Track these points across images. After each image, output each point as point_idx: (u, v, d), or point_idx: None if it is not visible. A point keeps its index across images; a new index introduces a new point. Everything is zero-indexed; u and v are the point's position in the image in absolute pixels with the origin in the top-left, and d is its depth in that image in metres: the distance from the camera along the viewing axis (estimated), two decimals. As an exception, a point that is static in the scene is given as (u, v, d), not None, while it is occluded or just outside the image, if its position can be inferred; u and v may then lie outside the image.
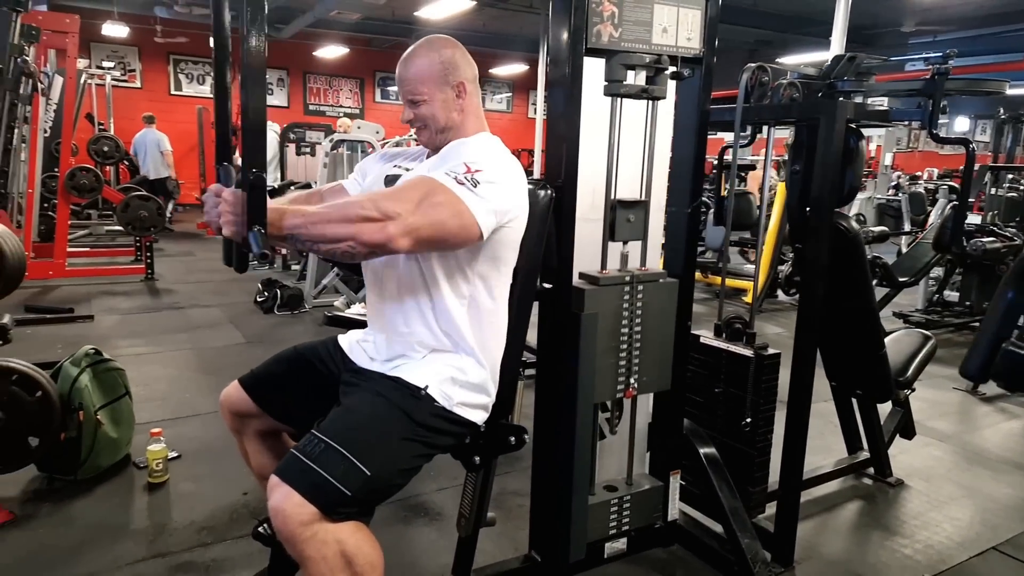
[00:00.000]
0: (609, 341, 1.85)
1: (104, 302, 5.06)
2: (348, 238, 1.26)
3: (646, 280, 1.89)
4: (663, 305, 1.94)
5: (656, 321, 1.92)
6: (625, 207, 1.87)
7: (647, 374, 1.94)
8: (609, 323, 1.84)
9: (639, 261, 1.95)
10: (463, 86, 1.56)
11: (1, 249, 2.13)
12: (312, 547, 1.25)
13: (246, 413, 1.66)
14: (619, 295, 1.85)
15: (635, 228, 1.88)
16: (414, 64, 1.54)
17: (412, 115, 1.56)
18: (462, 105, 1.56)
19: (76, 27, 5.24)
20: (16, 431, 2.25)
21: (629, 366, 1.90)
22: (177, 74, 12.02)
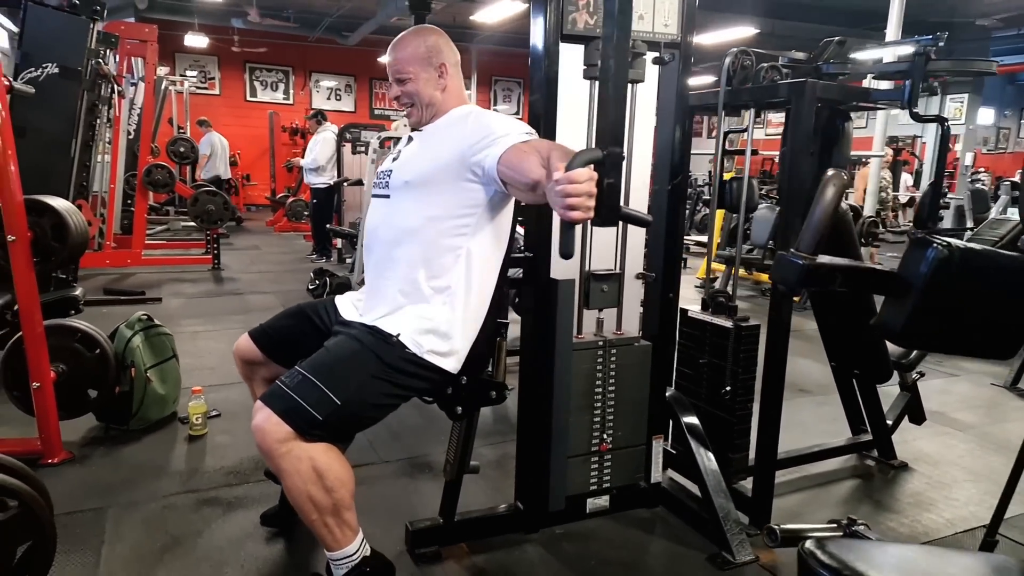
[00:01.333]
0: (584, 400, 2.07)
1: (173, 287, 5.52)
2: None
3: (620, 344, 2.11)
4: (636, 365, 2.15)
5: (630, 381, 2.13)
6: (599, 279, 2.07)
7: (622, 429, 2.16)
8: (583, 384, 2.06)
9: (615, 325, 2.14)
10: (445, 67, 1.76)
11: (66, 223, 2.46)
12: (287, 461, 1.46)
13: (253, 361, 1.90)
14: (593, 358, 2.07)
15: (608, 297, 2.09)
16: (402, 47, 1.76)
17: (399, 92, 1.77)
18: (444, 84, 1.76)
19: (154, 36, 5.74)
20: (77, 383, 2.59)
21: (603, 423, 2.12)
22: (252, 81, 12.76)
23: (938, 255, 0.86)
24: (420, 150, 1.75)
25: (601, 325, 2.12)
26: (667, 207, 2.18)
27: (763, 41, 10.66)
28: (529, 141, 1.57)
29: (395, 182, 1.73)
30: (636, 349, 2.16)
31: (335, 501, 1.50)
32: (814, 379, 3.74)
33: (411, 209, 1.68)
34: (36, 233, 2.43)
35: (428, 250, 1.67)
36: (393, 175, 1.74)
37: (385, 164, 1.85)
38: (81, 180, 4.24)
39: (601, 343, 2.10)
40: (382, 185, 1.78)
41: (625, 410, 2.17)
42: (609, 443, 2.16)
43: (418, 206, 1.67)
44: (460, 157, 1.63)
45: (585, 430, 2.12)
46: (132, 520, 2.11)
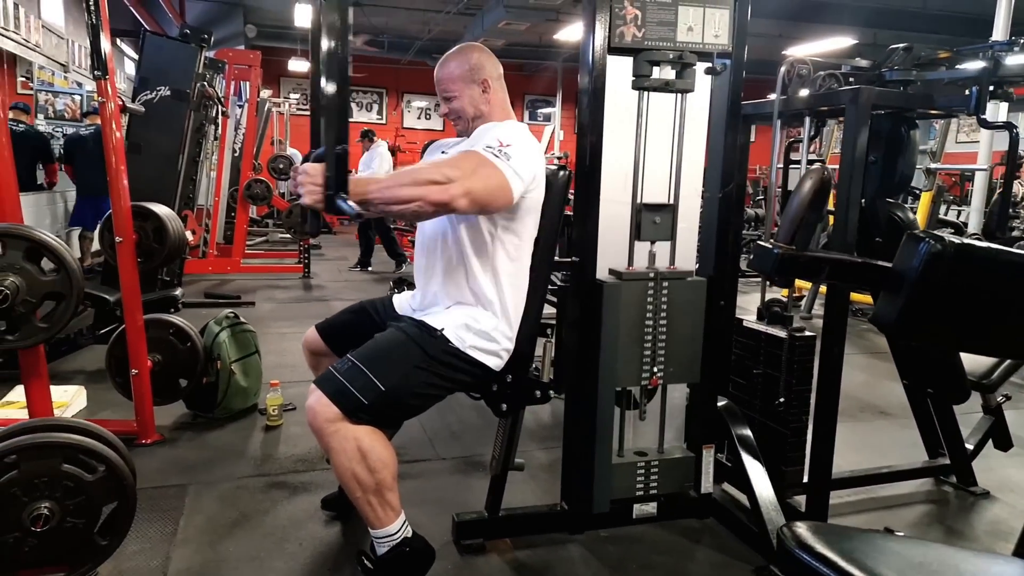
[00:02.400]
0: (634, 332, 2.03)
1: (266, 293, 5.90)
2: (417, 199, 1.50)
3: (672, 277, 2.06)
4: (690, 302, 2.08)
5: (683, 317, 2.07)
6: (651, 210, 2.05)
7: (674, 366, 2.09)
8: (633, 316, 2.02)
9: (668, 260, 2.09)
10: (487, 83, 1.87)
11: (166, 227, 2.74)
12: (335, 440, 1.59)
13: (319, 352, 2.06)
14: (643, 290, 2.02)
15: (661, 229, 2.05)
16: (446, 67, 1.88)
17: (447, 109, 1.89)
18: (488, 99, 1.87)
19: (258, 62, 6.21)
20: (170, 372, 2.85)
21: (654, 357, 2.08)
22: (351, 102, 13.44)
23: (930, 249, 0.87)
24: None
25: (653, 259, 2.06)
26: (718, 214, 2.19)
27: (863, 52, 10.25)
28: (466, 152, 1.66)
29: None
30: (689, 284, 2.07)
31: (377, 481, 1.61)
32: (896, 402, 3.57)
33: (446, 219, 1.79)
34: (140, 236, 2.72)
35: (465, 256, 1.78)
36: None
37: None
38: (187, 192, 4.65)
39: (652, 275, 2.03)
40: None
41: (677, 345, 2.09)
42: (660, 377, 2.10)
43: (453, 217, 1.78)
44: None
45: (635, 363, 2.05)
46: (209, 496, 2.31)
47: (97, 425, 1.74)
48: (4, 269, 1.59)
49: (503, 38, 9.91)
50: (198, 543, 2.03)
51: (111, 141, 2.60)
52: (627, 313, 2.01)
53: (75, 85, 7.80)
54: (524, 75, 13.54)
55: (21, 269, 1.60)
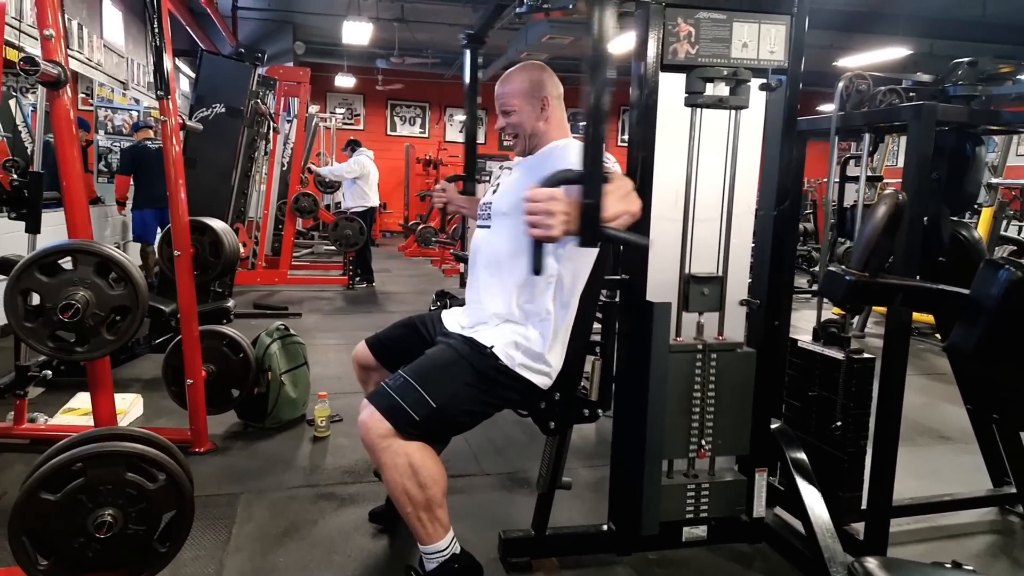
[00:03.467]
0: (681, 404, 2.03)
1: (312, 304, 6.01)
2: (624, 212, 1.46)
3: (720, 349, 2.05)
4: (739, 373, 2.07)
5: (731, 388, 2.06)
6: (699, 281, 2.04)
7: (722, 438, 2.09)
8: (681, 387, 2.02)
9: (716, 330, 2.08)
10: (547, 100, 1.88)
11: (222, 241, 2.81)
12: (387, 455, 1.60)
13: (368, 366, 2.08)
14: (691, 361, 2.03)
15: (709, 301, 2.04)
16: (509, 82, 1.90)
17: (505, 123, 1.91)
18: (546, 116, 1.88)
19: (308, 78, 6.37)
20: (223, 382, 2.92)
21: (702, 429, 2.07)
22: (393, 117, 13.67)
23: (1010, 277, 0.84)
24: (516, 182, 1.87)
25: (701, 329, 2.08)
26: (772, 232, 2.15)
27: (919, 62, 9.97)
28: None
29: (494, 213, 1.87)
30: (738, 355, 2.07)
31: (428, 497, 1.61)
32: (956, 425, 3.44)
33: (507, 238, 1.80)
34: (197, 249, 2.80)
35: (522, 277, 1.78)
36: (493, 206, 1.88)
37: (486, 196, 1.99)
38: (239, 205, 4.78)
39: (700, 347, 2.05)
40: (484, 216, 1.93)
41: (726, 418, 2.09)
42: (708, 449, 2.09)
43: (513, 235, 1.78)
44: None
45: (683, 434, 2.06)
46: (260, 505, 2.35)
47: (157, 435, 1.79)
48: (75, 284, 1.66)
49: (546, 52, 9.96)
50: (250, 551, 2.07)
51: (171, 157, 2.69)
52: (675, 386, 2.01)
53: (133, 102, 8.10)
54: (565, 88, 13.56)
55: (91, 284, 1.67)
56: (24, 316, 1.65)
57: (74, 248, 1.68)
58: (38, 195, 2.45)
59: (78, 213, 1.78)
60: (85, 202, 1.82)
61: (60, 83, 1.77)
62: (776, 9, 1.98)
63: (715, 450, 2.10)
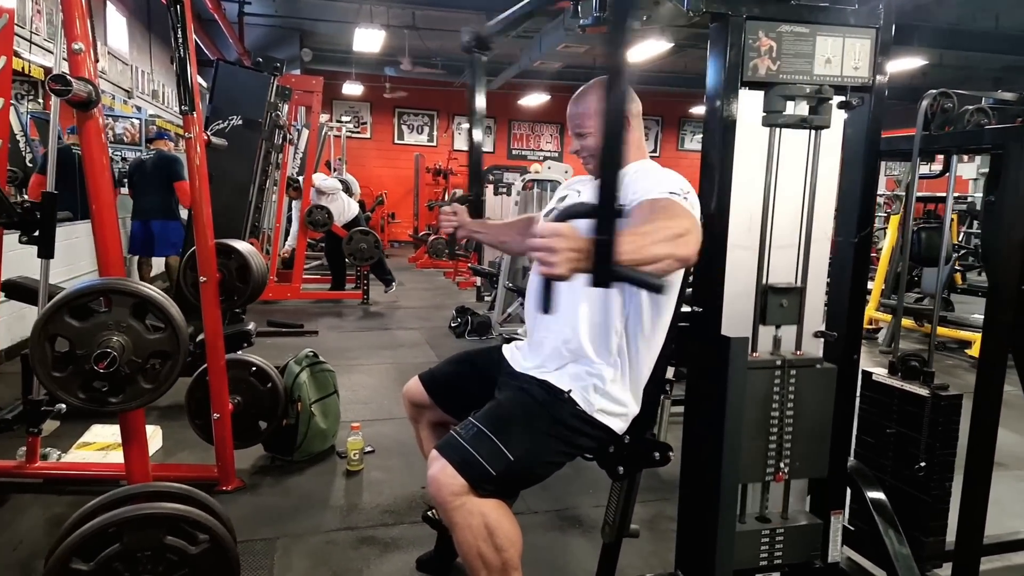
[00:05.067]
0: (758, 424, 1.87)
1: (328, 321, 5.85)
2: (667, 256, 1.30)
3: (800, 365, 1.88)
4: (818, 391, 1.91)
5: (810, 407, 1.90)
6: (777, 292, 1.89)
7: (800, 460, 1.92)
8: (758, 405, 1.86)
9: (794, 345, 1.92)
10: (627, 120, 1.72)
11: (249, 264, 2.66)
12: (460, 515, 1.44)
13: (421, 404, 1.93)
14: (769, 378, 1.86)
15: (788, 313, 1.88)
16: (584, 101, 1.75)
17: (579, 146, 1.76)
18: (625, 137, 1.73)
19: (320, 87, 6.22)
20: (251, 414, 2.76)
21: (780, 450, 1.90)
22: (400, 125, 13.52)
23: None
24: (589, 195, 1.72)
25: (778, 344, 1.93)
26: (852, 261, 2.00)
27: (932, 73, 9.89)
28: (657, 200, 1.49)
29: None
30: (818, 371, 1.91)
31: (504, 560, 1.46)
32: (1012, 451, 3.30)
33: None
34: (223, 274, 2.64)
35: (594, 312, 1.63)
36: None
37: (548, 219, 1.83)
38: (255, 220, 4.62)
39: (779, 362, 1.89)
40: None
41: (805, 438, 1.92)
42: (786, 472, 1.93)
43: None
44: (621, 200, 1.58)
45: (760, 456, 1.89)
46: (298, 553, 2.19)
47: (196, 490, 1.63)
48: (109, 328, 1.49)
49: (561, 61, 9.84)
50: (293, 609, 1.91)
51: (196, 175, 2.54)
52: (751, 405, 1.85)
53: (135, 110, 7.95)
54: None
55: (127, 327, 1.51)
56: (52, 365, 1.49)
57: (109, 288, 1.52)
58: (52, 218, 2.29)
59: (111, 248, 1.62)
60: (118, 236, 1.66)
61: (92, 103, 1.61)
62: (861, 22, 1.84)
63: (793, 472, 1.92)
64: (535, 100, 13.07)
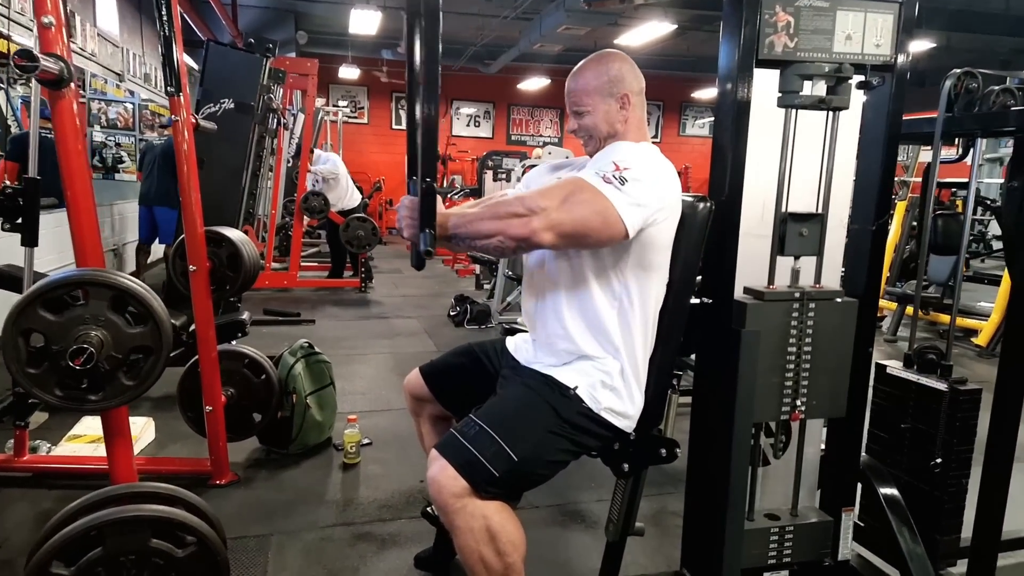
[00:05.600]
0: (774, 360, 1.77)
1: (325, 310, 5.76)
2: (497, 233, 1.38)
3: (819, 298, 1.80)
4: (838, 326, 1.82)
5: (830, 343, 1.81)
6: (797, 220, 1.79)
7: (817, 398, 1.83)
8: (774, 341, 1.77)
9: (812, 278, 1.86)
10: (627, 98, 1.63)
11: (241, 254, 2.57)
12: (461, 518, 1.37)
13: (422, 398, 1.85)
14: (786, 312, 1.77)
15: (808, 243, 1.79)
16: (582, 77, 1.65)
17: (576, 125, 1.66)
18: (625, 116, 1.63)
19: (315, 70, 6.09)
20: (244, 406, 2.69)
21: (796, 388, 1.81)
22: (398, 110, 13.36)
23: None
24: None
25: (797, 277, 1.80)
26: (870, 249, 1.92)
27: (939, 56, 9.75)
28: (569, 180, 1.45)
29: None
30: (838, 305, 1.81)
31: (507, 565, 1.39)
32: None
33: (568, 255, 1.56)
34: (214, 263, 2.55)
35: (588, 300, 1.55)
36: None
37: None
38: (249, 207, 4.52)
39: (797, 295, 1.77)
40: None
41: (823, 376, 1.82)
42: (802, 411, 1.84)
43: (576, 256, 1.55)
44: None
45: (775, 395, 1.79)
46: (293, 549, 2.13)
47: (184, 491, 1.55)
48: (87, 322, 1.41)
49: (561, 43, 9.68)
50: (286, 610, 1.84)
51: (184, 160, 2.45)
52: (767, 340, 1.75)
53: (128, 94, 7.82)
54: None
55: (106, 321, 1.42)
56: (27, 361, 1.40)
57: (85, 280, 1.43)
58: (35, 204, 2.20)
59: (87, 236, 1.53)
60: (95, 222, 1.56)
61: (63, 81, 1.51)
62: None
63: (809, 412, 1.83)
64: (535, 84, 12.91)
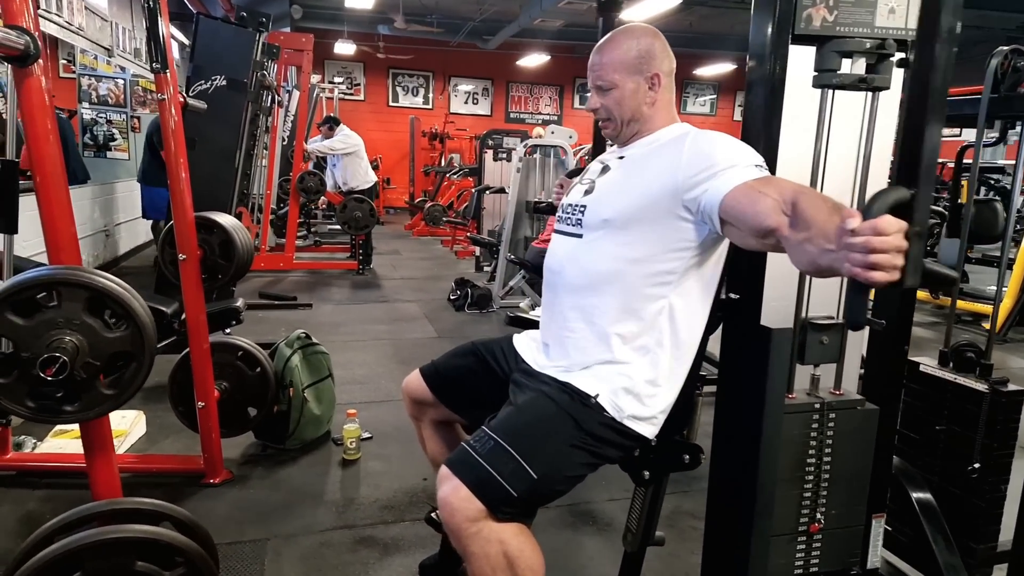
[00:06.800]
0: (791, 471, 1.70)
1: (321, 292, 5.62)
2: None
3: (840, 407, 1.70)
4: (858, 434, 1.73)
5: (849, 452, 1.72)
6: (817, 329, 1.68)
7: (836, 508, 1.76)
8: (792, 453, 1.69)
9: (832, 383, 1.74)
10: (658, 78, 1.49)
11: (233, 241, 2.43)
12: (476, 544, 1.25)
13: (424, 401, 1.72)
14: (806, 424, 1.68)
15: (828, 351, 1.68)
16: (609, 50, 1.51)
17: (599, 104, 1.52)
18: (654, 98, 1.49)
19: (310, 45, 5.89)
20: (239, 401, 2.57)
21: (815, 499, 1.73)
22: (395, 87, 13.10)
23: None
24: (623, 181, 1.48)
25: (816, 383, 1.76)
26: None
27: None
28: (762, 178, 1.28)
29: (591, 220, 1.47)
30: (859, 413, 1.76)
31: (524, 593, 1.27)
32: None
33: (609, 252, 1.43)
34: (205, 251, 2.41)
35: (628, 299, 1.42)
36: (588, 211, 1.48)
37: (574, 195, 1.59)
38: (243, 188, 4.37)
39: (818, 405, 1.73)
40: (572, 222, 1.53)
41: (842, 485, 1.78)
42: (821, 522, 1.79)
43: (618, 248, 1.42)
44: (673, 191, 1.36)
45: (793, 506, 1.76)
46: (290, 556, 2.02)
47: (172, 506, 1.43)
48: (60, 326, 1.27)
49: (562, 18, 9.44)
50: (284, 625, 1.73)
51: (171, 142, 2.30)
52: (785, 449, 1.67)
53: (118, 69, 7.59)
54: (575, 57, 13.00)
55: (81, 325, 1.28)
56: (-5, 369, 1.27)
57: (57, 279, 1.29)
58: (13, 188, 2.05)
59: (60, 228, 1.38)
60: (69, 213, 1.42)
61: (29, 57, 1.36)
62: (931, -35, 1.59)
63: (828, 522, 1.78)
64: (534, 60, 12.63)
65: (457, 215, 8.09)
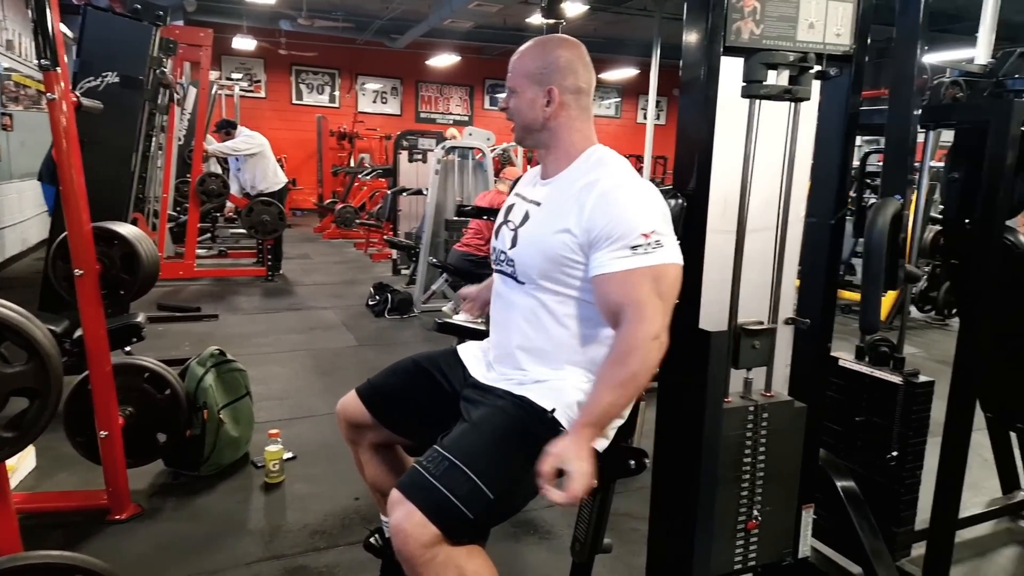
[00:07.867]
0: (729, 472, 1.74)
1: (228, 302, 5.33)
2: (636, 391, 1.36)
3: (772, 407, 1.76)
4: (790, 433, 1.79)
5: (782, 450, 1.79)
6: (749, 335, 1.74)
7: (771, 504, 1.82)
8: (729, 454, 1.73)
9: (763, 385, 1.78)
10: (553, 92, 1.45)
11: (137, 252, 2.24)
12: (431, 570, 1.20)
13: (362, 424, 1.64)
14: (741, 425, 1.73)
15: (760, 355, 1.74)
16: (521, 55, 1.51)
17: (505, 104, 1.52)
18: (549, 112, 1.46)
19: (210, 40, 5.57)
20: (146, 426, 2.37)
21: (752, 497, 1.78)
22: (299, 84, 12.63)
23: None
24: (539, 238, 1.45)
25: (749, 386, 1.81)
26: (829, 243, 1.87)
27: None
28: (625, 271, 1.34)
29: (522, 273, 1.46)
30: (790, 412, 1.83)
31: (483, 619, 1.23)
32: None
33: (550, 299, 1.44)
34: (105, 264, 2.22)
35: (576, 327, 1.43)
36: (517, 266, 1.47)
37: (503, 240, 1.54)
38: (139, 192, 4.07)
39: (752, 407, 1.78)
40: (508, 272, 1.52)
41: (776, 482, 1.84)
42: (758, 519, 1.85)
43: (555, 295, 1.43)
44: (574, 246, 1.39)
45: (731, 505, 1.80)
46: (216, 596, 1.88)
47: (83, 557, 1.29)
48: (-52, 361, 1.11)
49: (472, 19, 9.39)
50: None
51: (63, 150, 2.10)
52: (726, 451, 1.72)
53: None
54: (485, 58, 13.00)
55: (-26, 359, 1.13)
56: None
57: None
58: None
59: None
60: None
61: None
62: (846, -17, 1.66)
63: (764, 518, 1.83)
64: (444, 61, 12.53)
65: (371, 217, 7.88)
